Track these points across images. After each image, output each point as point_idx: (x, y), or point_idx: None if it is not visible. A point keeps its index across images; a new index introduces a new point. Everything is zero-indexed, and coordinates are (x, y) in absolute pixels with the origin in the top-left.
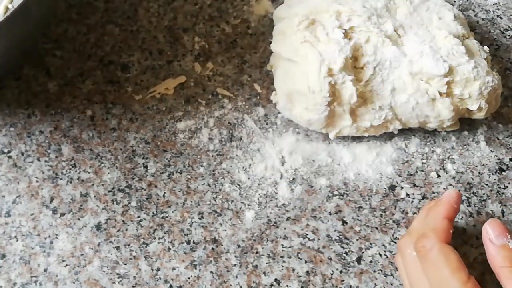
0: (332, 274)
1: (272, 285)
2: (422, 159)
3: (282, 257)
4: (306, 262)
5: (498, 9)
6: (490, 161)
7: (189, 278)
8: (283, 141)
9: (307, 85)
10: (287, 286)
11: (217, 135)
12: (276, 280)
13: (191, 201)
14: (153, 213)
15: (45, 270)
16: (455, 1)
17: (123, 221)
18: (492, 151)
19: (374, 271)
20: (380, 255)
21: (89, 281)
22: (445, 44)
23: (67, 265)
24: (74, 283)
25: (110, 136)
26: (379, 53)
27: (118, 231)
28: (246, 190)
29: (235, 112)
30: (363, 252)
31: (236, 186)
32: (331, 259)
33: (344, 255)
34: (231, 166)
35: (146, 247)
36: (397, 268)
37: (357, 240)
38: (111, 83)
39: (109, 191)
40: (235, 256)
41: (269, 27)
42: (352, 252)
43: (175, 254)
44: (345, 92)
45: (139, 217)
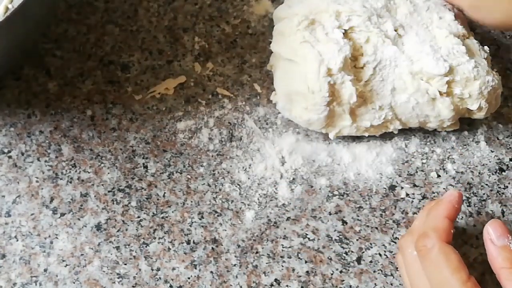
0: (332, 274)
1: (272, 285)
2: (422, 159)
3: (282, 257)
4: (306, 262)
5: None
6: (490, 161)
7: (189, 278)
8: (283, 141)
9: (306, 85)
10: (287, 286)
11: (217, 135)
12: (276, 280)
13: (191, 201)
14: (153, 213)
15: (45, 270)
16: None
17: (123, 221)
18: (492, 151)
19: (374, 271)
20: (380, 255)
21: (89, 281)
22: (445, 44)
23: (67, 265)
24: (74, 283)
25: (110, 136)
26: (379, 53)
27: (118, 231)
28: (246, 190)
29: (235, 112)
30: (363, 252)
31: (236, 186)
32: (331, 259)
33: (344, 255)
34: (231, 166)
35: (146, 247)
36: (398, 267)
37: (357, 240)
38: (111, 83)
39: (109, 191)
40: (235, 256)
41: (269, 27)
42: (352, 252)
43: (175, 254)
44: (344, 92)
45: (139, 217)
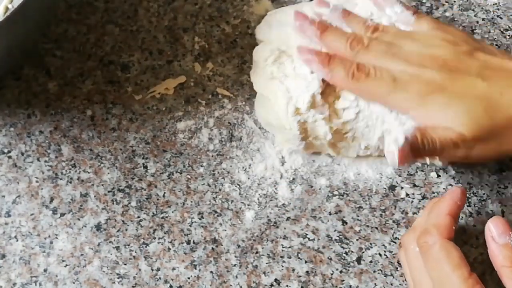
0: (332, 274)
1: (272, 285)
2: None
3: (282, 257)
4: (306, 262)
5: (498, 9)
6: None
7: (189, 278)
8: None
9: (279, 122)
10: (287, 286)
11: (217, 135)
12: (276, 280)
13: (191, 201)
14: (153, 213)
15: (45, 270)
16: (455, 1)
17: (123, 221)
18: None
19: (374, 271)
20: (380, 255)
21: (89, 281)
22: None
23: (67, 265)
24: (74, 283)
25: (110, 136)
26: (361, 101)
27: (118, 231)
28: (246, 190)
29: (235, 112)
30: (363, 252)
31: (236, 186)
32: (331, 259)
33: (344, 255)
34: (231, 166)
35: (146, 247)
36: (400, 264)
37: (357, 240)
38: (111, 83)
39: (109, 191)
40: (235, 256)
41: None
42: (352, 252)
43: (175, 254)
44: (319, 130)
45: (139, 217)
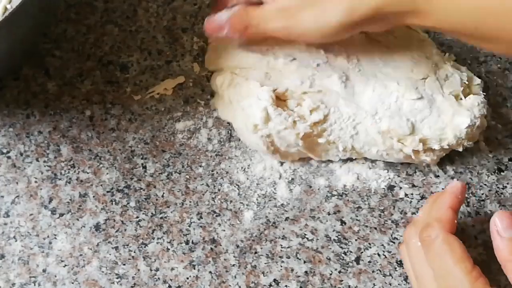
0: (331, 274)
1: (271, 285)
2: None
3: (281, 257)
4: (305, 262)
5: None
6: (488, 161)
7: (188, 278)
8: None
9: (248, 141)
10: (286, 286)
11: (216, 135)
12: (275, 280)
13: (190, 202)
14: (152, 213)
15: (44, 271)
16: None
17: (122, 221)
18: (491, 151)
19: (373, 271)
20: (379, 255)
21: (88, 281)
22: (404, 100)
23: (66, 265)
24: (73, 283)
25: (109, 137)
26: (329, 103)
27: (117, 231)
28: (245, 190)
29: None
30: (362, 252)
31: (235, 186)
32: (329, 259)
33: (343, 255)
34: (229, 166)
35: (145, 247)
36: (402, 258)
37: (355, 240)
38: (110, 83)
39: (108, 192)
40: (234, 256)
41: None
42: (351, 252)
43: (174, 254)
44: (288, 138)
45: (138, 217)
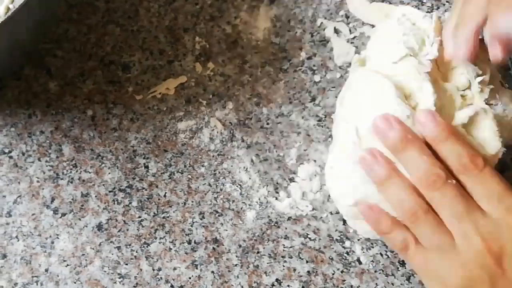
0: (333, 274)
1: (273, 285)
2: None
3: (283, 257)
4: (307, 262)
5: None
6: None
7: (190, 278)
8: None
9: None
10: (288, 286)
11: (218, 135)
12: (277, 280)
13: (192, 201)
14: (154, 213)
15: (46, 270)
16: None
17: (124, 221)
18: None
19: (375, 271)
20: (381, 255)
21: (90, 281)
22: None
23: (68, 265)
24: (75, 283)
25: (111, 136)
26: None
27: (119, 231)
28: (247, 190)
29: (236, 112)
30: (364, 252)
31: (237, 186)
32: (332, 259)
33: (345, 255)
34: (232, 166)
35: (147, 247)
36: (402, 263)
37: (358, 240)
38: (112, 83)
39: (110, 191)
40: (236, 256)
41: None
42: (353, 252)
43: (176, 254)
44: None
45: (140, 217)
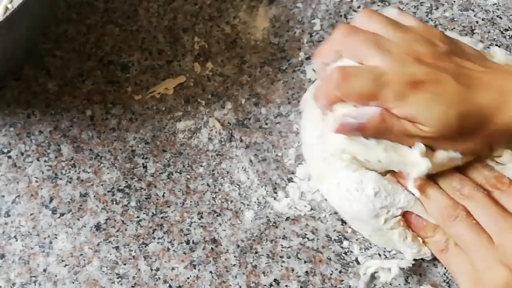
0: (331, 274)
1: (271, 285)
2: None
3: (281, 257)
4: (305, 262)
5: (498, 9)
6: None
7: (188, 278)
8: None
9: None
10: (286, 286)
11: (216, 135)
12: (275, 280)
13: (191, 201)
14: (152, 213)
15: (44, 270)
16: (454, 1)
17: (122, 221)
18: None
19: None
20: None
21: (88, 281)
22: None
23: (66, 265)
24: (73, 283)
25: (110, 136)
26: None
27: (117, 231)
28: (245, 190)
29: (235, 112)
30: (362, 252)
31: (235, 186)
32: (330, 259)
33: (344, 255)
34: (230, 166)
35: (145, 247)
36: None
37: (356, 240)
38: (111, 83)
39: (108, 191)
40: (235, 256)
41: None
42: (352, 252)
43: (174, 254)
44: None
45: (138, 217)
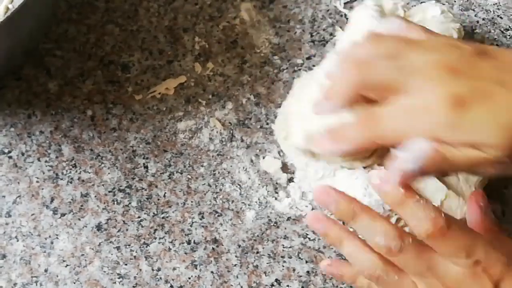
0: None
1: (272, 285)
2: None
3: (282, 257)
4: (306, 262)
5: (498, 9)
6: None
7: (189, 278)
8: None
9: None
10: (287, 286)
11: (217, 135)
12: (276, 280)
13: (192, 201)
14: (153, 213)
15: (45, 271)
16: (455, 1)
17: (123, 221)
18: None
19: None
20: None
21: (89, 281)
22: None
23: (67, 265)
24: (74, 283)
25: (111, 136)
26: None
27: (118, 231)
28: (246, 190)
29: (236, 112)
30: None
31: (236, 186)
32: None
33: None
34: (231, 166)
35: (146, 247)
36: None
37: None
38: (111, 83)
39: (109, 191)
40: (236, 256)
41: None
42: None
43: (175, 254)
44: None
45: (139, 217)
